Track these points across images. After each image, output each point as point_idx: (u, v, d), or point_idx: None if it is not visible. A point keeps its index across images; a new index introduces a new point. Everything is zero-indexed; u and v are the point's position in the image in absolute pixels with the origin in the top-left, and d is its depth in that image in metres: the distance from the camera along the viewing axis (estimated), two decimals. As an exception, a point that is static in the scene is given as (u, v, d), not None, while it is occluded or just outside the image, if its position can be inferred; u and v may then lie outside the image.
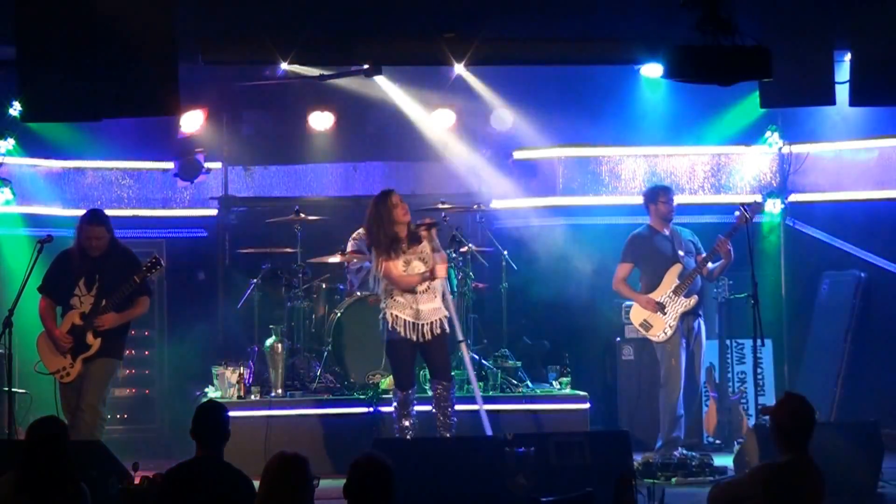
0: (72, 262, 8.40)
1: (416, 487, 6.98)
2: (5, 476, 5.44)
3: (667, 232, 9.48)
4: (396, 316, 8.34)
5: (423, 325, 8.36)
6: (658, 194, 9.56)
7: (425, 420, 8.53)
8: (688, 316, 9.34)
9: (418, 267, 8.39)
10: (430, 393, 8.60)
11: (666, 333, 9.30)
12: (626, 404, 10.40)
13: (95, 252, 8.35)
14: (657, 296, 9.35)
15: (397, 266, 8.34)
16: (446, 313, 8.48)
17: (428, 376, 8.68)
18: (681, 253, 9.39)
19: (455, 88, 10.65)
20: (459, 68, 10.12)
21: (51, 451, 5.37)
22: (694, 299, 9.30)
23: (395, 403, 8.46)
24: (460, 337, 8.66)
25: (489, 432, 8.47)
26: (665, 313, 9.32)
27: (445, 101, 10.96)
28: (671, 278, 9.34)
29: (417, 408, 8.51)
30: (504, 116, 10.97)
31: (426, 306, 8.39)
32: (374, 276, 8.45)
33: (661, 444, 9.20)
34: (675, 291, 9.31)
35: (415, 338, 8.34)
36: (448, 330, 8.50)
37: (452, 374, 8.73)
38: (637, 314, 9.45)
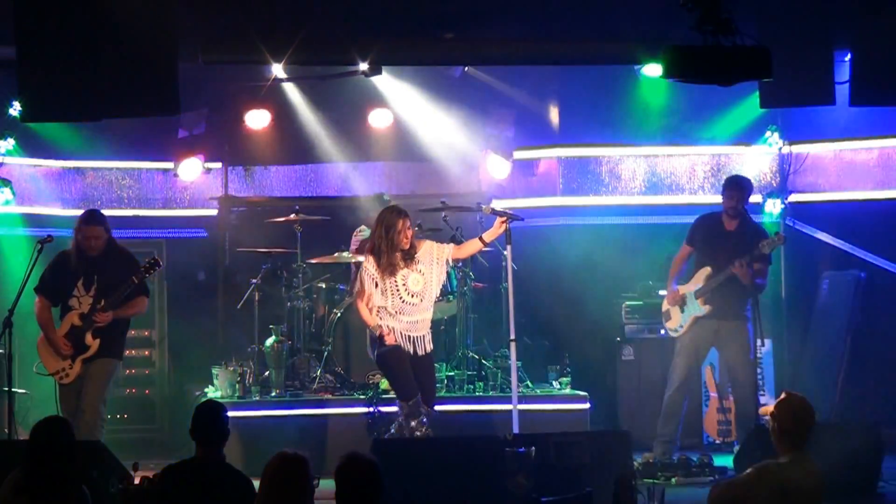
0: (69, 264, 8.38)
1: (416, 487, 6.98)
2: (9, 476, 5.44)
3: (731, 227, 9.20)
4: (387, 327, 8.17)
5: (414, 337, 8.20)
6: (724, 187, 9.30)
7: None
8: (706, 320, 9.15)
9: (416, 282, 8.19)
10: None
11: (677, 332, 9.25)
12: (626, 404, 10.40)
13: (93, 252, 8.34)
14: (684, 290, 9.27)
15: (371, 296, 8.12)
16: (427, 332, 8.28)
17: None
18: (730, 254, 9.04)
19: (455, 88, 10.66)
20: (459, 68, 10.13)
21: (55, 452, 5.37)
22: (709, 308, 9.09)
23: (401, 417, 8.17)
24: (512, 336, 8.41)
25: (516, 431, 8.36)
26: (683, 311, 9.24)
27: (445, 101, 10.96)
28: (698, 278, 9.21)
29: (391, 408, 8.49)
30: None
31: (417, 317, 8.22)
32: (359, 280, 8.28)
33: (656, 436, 9.18)
34: (697, 293, 9.18)
35: (410, 349, 8.20)
36: (433, 348, 8.36)
37: (438, 394, 8.68)
38: (665, 301, 9.41)
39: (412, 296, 8.19)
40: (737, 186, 9.25)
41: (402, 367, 8.19)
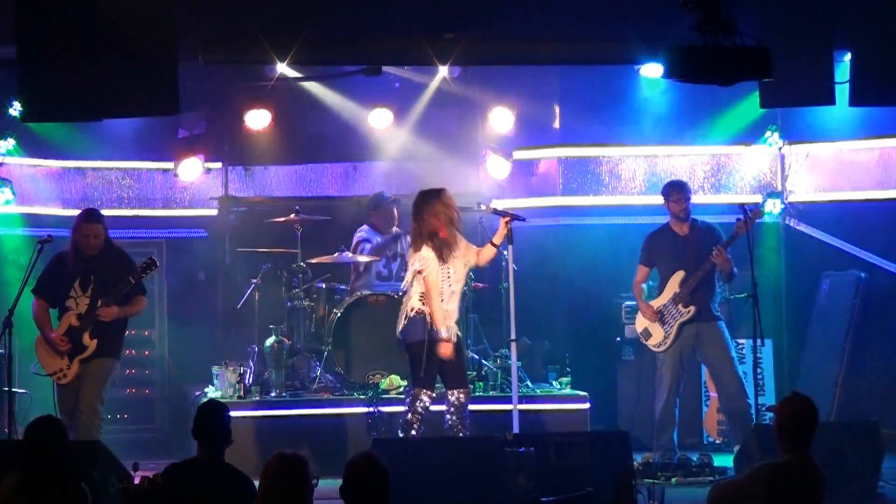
0: (66, 264, 8.39)
1: (415, 487, 6.99)
2: (7, 477, 5.44)
3: (684, 232, 9.26)
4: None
5: (450, 326, 8.16)
6: (669, 192, 9.30)
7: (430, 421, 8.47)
8: (689, 325, 9.13)
9: (460, 270, 8.21)
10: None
11: (665, 344, 9.15)
12: (626, 404, 10.41)
13: (91, 251, 8.34)
14: (658, 303, 9.22)
15: (439, 278, 8.09)
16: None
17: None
18: (695, 256, 9.11)
19: (454, 88, 10.66)
20: (459, 68, 10.13)
21: (49, 450, 5.37)
22: (692, 309, 9.07)
23: (425, 404, 8.11)
24: (513, 336, 8.41)
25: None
26: (664, 323, 9.17)
27: (445, 101, 10.96)
28: (672, 286, 9.17)
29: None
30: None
31: (452, 306, 8.19)
32: (415, 272, 8.12)
33: (654, 449, 9.17)
34: (674, 300, 9.13)
35: (452, 339, 8.16)
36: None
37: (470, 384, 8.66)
38: (639, 322, 9.33)
39: (452, 284, 8.18)
40: (682, 189, 9.31)
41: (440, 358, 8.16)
